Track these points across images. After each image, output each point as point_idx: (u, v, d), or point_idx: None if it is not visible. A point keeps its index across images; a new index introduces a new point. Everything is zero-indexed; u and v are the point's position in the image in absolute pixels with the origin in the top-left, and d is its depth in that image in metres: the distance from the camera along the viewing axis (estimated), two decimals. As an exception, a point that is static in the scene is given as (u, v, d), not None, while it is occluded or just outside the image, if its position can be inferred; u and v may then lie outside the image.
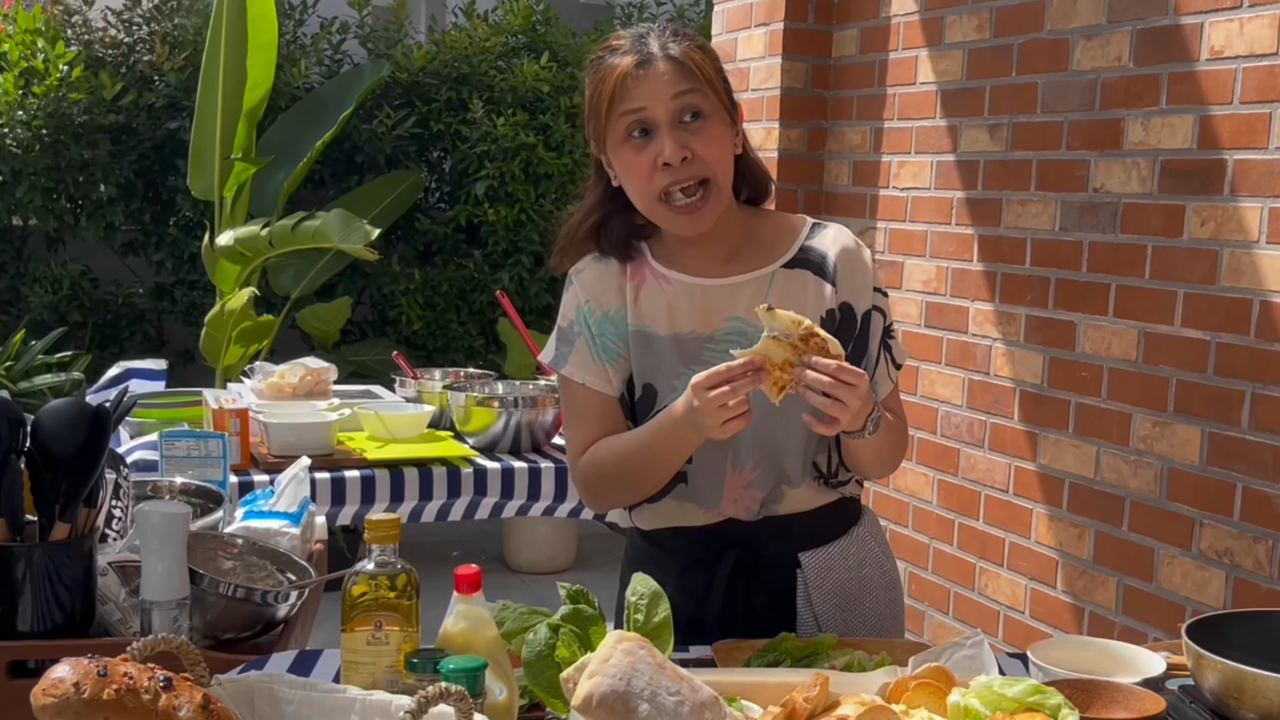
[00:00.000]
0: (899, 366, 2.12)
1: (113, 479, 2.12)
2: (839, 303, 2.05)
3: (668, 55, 1.94)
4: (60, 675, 1.32)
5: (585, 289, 2.09)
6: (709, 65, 1.98)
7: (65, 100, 5.62)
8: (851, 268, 2.06)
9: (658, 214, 1.99)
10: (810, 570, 2.09)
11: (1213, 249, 2.91)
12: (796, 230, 2.10)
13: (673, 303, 2.04)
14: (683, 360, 2.02)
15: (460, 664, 1.50)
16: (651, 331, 2.04)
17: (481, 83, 6.34)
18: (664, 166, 1.93)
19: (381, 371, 5.69)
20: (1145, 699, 1.65)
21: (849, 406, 1.80)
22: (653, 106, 1.94)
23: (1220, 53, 2.89)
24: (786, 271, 2.05)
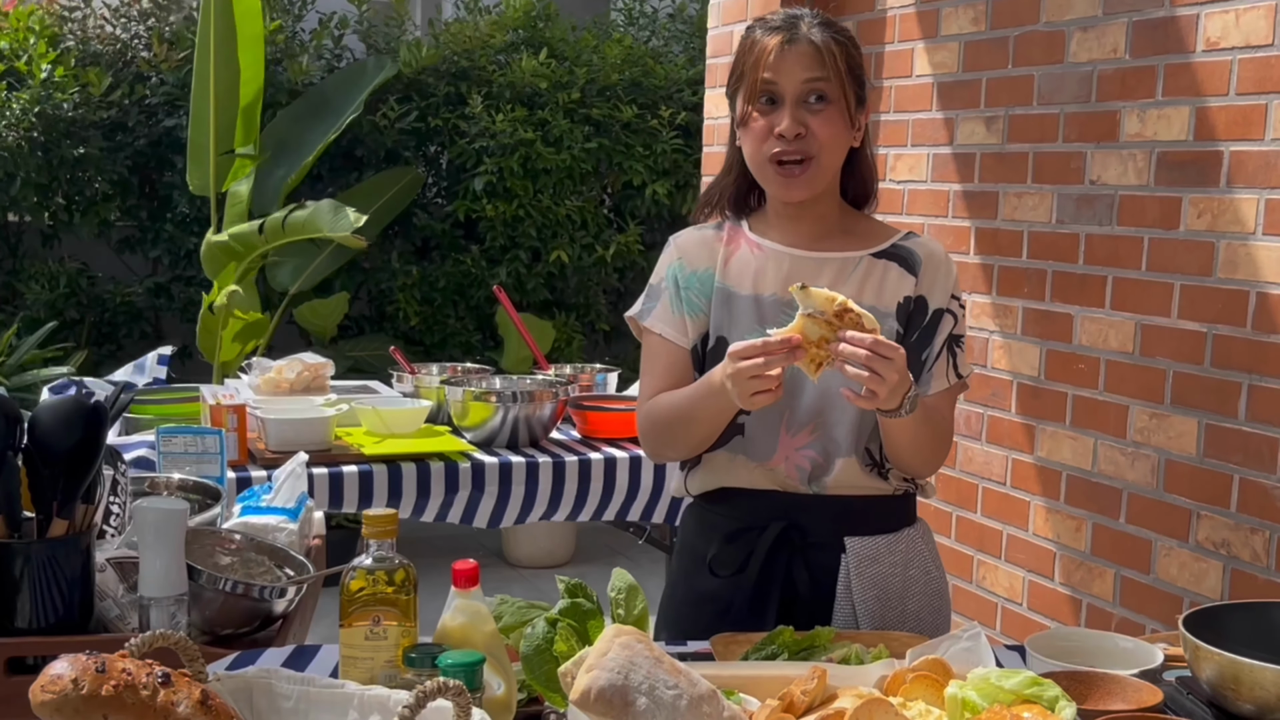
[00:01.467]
0: (961, 376, 2.19)
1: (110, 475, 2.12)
2: (917, 295, 2.16)
3: (810, 40, 2.08)
4: (59, 671, 1.32)
5: (680, 249, 2.25)
6: (844, 58, 2.09)
7: (51, 100, 5.61)
8: (936, 269, 2.18)
9: (764, 173, 2.13)
10: (854, 556, 2.14)
11: (1209, 241, 2.92)
12: (892, 233, 2.23)
13: (760, 267, 2.18)
14: (759, 319, 2.14)
15: (458, 659, 1.50)
16: (735, 291, 2.18)
17: (480, 78, 6.34)
18: (779, 136, 2.07)
19: (379, 367, 5.69)
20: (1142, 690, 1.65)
21: (885, 379, 1.85)
22: (784, 82, 2.07)
23: (1216, 44, 2.89)
24: (873, 260, 2.18)
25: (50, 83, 5.64)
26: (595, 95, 6.42)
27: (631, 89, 6.52)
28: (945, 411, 2.17)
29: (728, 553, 2.18)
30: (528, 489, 3.34)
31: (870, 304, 2.11)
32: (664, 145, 6.42)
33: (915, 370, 2.11)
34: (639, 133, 6.44)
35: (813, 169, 2.09)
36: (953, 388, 2.18)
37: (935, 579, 2.21)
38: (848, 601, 2.13)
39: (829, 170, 2.12)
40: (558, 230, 6.37)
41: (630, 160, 6.41)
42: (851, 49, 2.12)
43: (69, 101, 5.66)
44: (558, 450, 3.45)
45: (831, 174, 2.14)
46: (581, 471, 3.39)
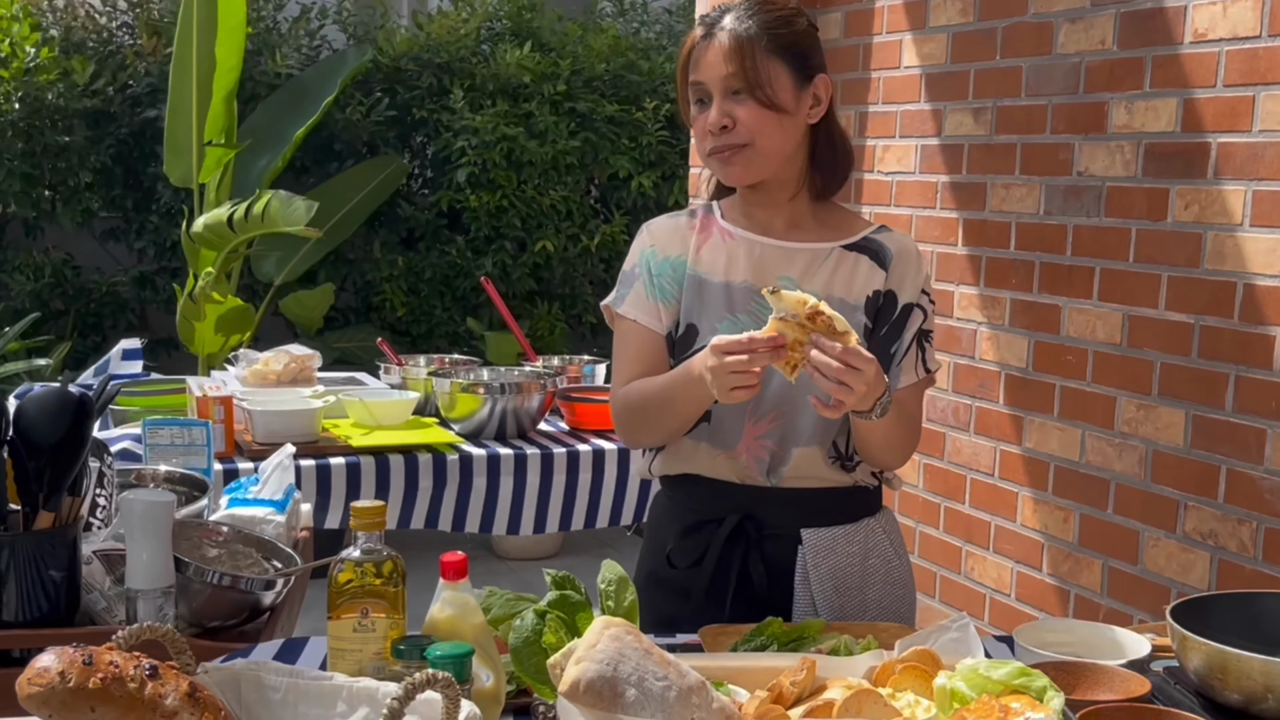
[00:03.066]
0: (929, 370, 2.20)
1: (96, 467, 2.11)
2: (886, 289, 2.16)
3: (728, 32, 2.09)
4: (45, 664, 1.32)
5: (652, 236, 2.25)
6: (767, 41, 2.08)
7: (34, 83, 5.58)
8: (906, 264, 2.19)
9: (710, 166, 2.18)
10: (810, 548, 2.15)
11: (1196, 232, 2.92)
12: (863, 225, 2.24)
13: (732, 254, 2.18)
14: (729, 307, 2.15)
15: (447, 650, 1.50)
16: (706, 278, 2.17)
17: (463, 70, 6.31)
18: (709, 132, 2.11)
19: (366, 358, 5.68)
20: (1130, 680, 1.65)
21: (854, 390, 1.86)
22: (708, 79, 2.11)
23: (1204, 35, 2.89)
24: (844, 252, 2.18)
25: (34, 68, 5.61)
26: (580, 87, 6.41)
27: (616, 81, 6.51)
28: (913, 405, 2.19)
29: (685, 545, 2.20)
30: (516, 481, 3.33)
31: (840, 296, 2.13)
32: (649, 137, 6.41)
33: (884, 365, 2.11)
34: (624, 125, 6.43)
35: (747, 154, 2.10)
36: (921, 381, 2.19)
37: (897, 568, 2.22)
38: (806, 592, 2.15)
39: (769, 154, 2.11)
40: (543, 220, 6.36)
41: (615, 153, 6.40)
42: (780, 29, 2.10)
43: (52, 89, 5.63)
44: (545, 442, 3.44)
45: (774, 157, 2.12)
46: (570, 463, 3.38)
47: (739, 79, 2.07)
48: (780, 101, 2.09)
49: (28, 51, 5.60)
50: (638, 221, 6.60)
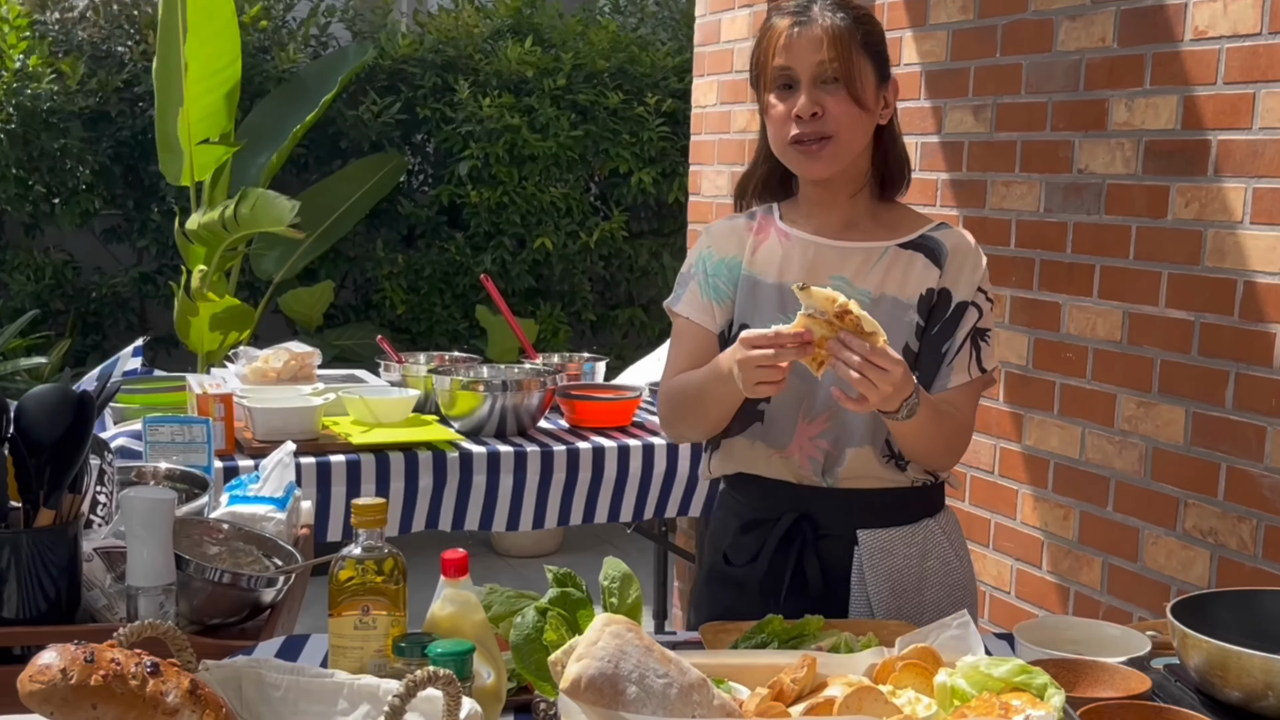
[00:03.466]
0: (984, 370, 2.17)
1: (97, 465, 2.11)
2: (941, 287, 2.15)
3: (821, 23, 2.09)
4: (47, 661, 1.32)
5: (710, 238, 2.29)
6: (857, 37, 2.10)
7: (26, 91, 5.57)
8: (962, 261, 2.17)
9: (787, 156, 2.16)
10: (867, 549, 2.16)
11: (1197, 229, 2.92)
12: (923, 223, 2.22)
13: (787, 255, 2.20)
14: (782, 307, 2.16)
15: (448, 648, 1.50)
16: (760, 279, 2.20)
17: (467, 66, 6.32)
18: (796, 118, 2.10)
19: (366, 356, 5.67)
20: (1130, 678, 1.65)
21: (878, 389, 1.86)
22: (798, 65, 2.09)
23: (1204, 33, 2.89)
24: (899, 250, 2.18)
25: (24, 73, 5.60)
26: (582, 82, 6.41)
27: (618, 76, 6.51)
28: (963, 405, 2.16)
29: (742, 543, 2.23)
30: (516, 478, 3.33)
31: (893, 295, 2.14)
32: (650, 133, 6.41)
33: (935, 363, 2.13)
34: (625, 120, 6.43)
35: (832, 147, 2.10)
36: (975, 382, 2.16)
37: (956, 570, 2.21)
38: (862, 593, 2.16)
39: (849, 148, 2.12)
40: (542, 217, 6.36)
41: (616, 147, 6.40)
42: (867, 27, 2.13)
43: (45, 91, 5.62)
44: (546, 439, 3.44)
45: (852, 152, 2.13)
46: (570, 461, 3.38)
47: (834, 69, 2.07)
48: (866, 98, 2.10)
49: (15, 59, 5.58)
50: (637, 219, 6.64)
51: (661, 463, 3.49)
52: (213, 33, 5.26)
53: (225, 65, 5.34)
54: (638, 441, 3.49)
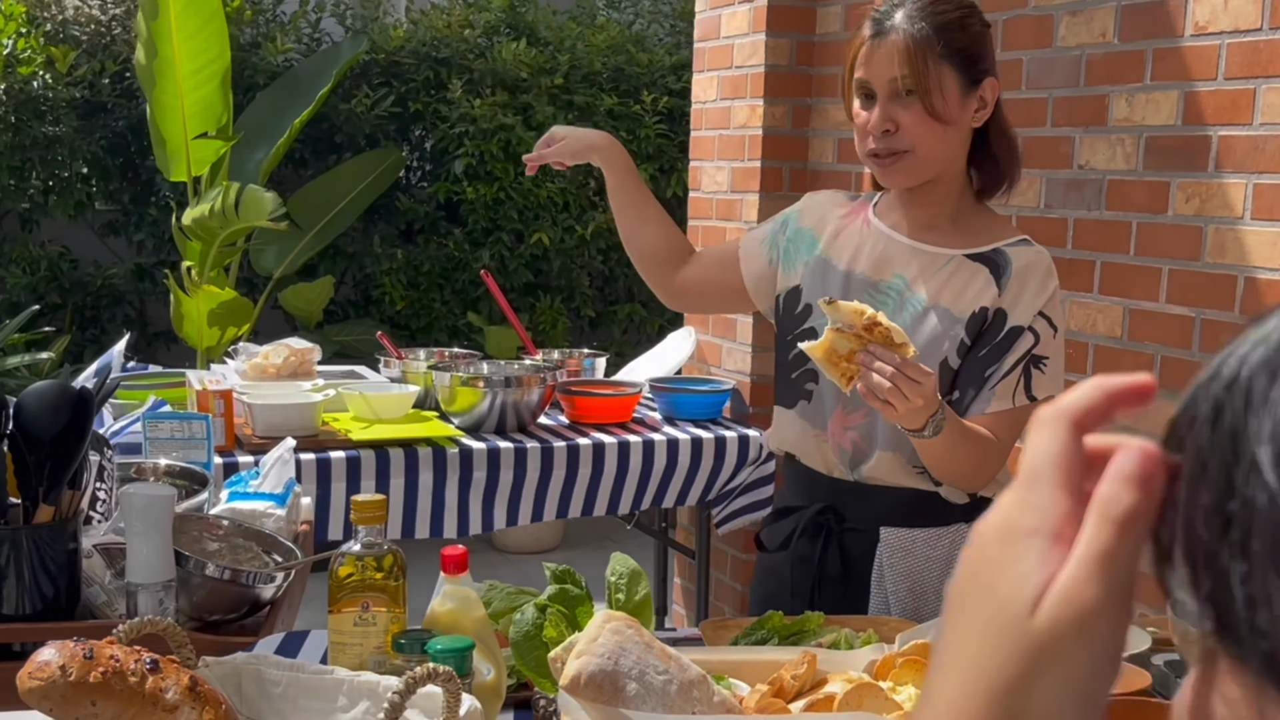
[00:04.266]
0: (1033, 398, 2.10)
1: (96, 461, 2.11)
2: (997, 307, 2.10)
3: (898, 33, 2.06)
4: (46, 658, 1.32)
5: (804, 203, 2.35)
6: (939, 44, 2.05)
7: (15, 75, 5.56)
8: (1025, 282, 2.11)
9: (868, 165, 2.18)
10: (888, 546, 2.15)
11: (1197, 225, 2.92)
12: (1002, 235, 2.17)
13: (861, 244, 2.22)
14: (841, 292, 2.16)
15: (448, 644, 1.50)
16: (834, 263, 2.22)
17: (460, 64, 6.31)
18: (870, 133, 2.11)
19: (365, 351, 5.67)
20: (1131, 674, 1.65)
21: (909, 400, 1.85)
22: (874, 80, 2.09)
23: (1205, 28, 2.89)
24: (965, 261, 2.14)
25: (14, 58, 5.59)
26: (579, 81, 6.40)
27: (615, 77, 6.50)
28: (1001, 433, 2.09)
29: (775, 529, 2.28)
30: (516, 474, 3.33)
31: (946, 306, 2.10)
32: (648, 130, 6.41)
33: (975, 384, 2.09)
34: (622, 119, 6.43)
35: (907, 161, 2.09)
36: (1019, 410, 2.09)
37: None
38: (881, 591, 2.16)
39: (928, 161, 2.09)
40: (540, 212, 6.36)
41: (613, 146, 6.39)
42: (953, 32, 2.07)
43: (38, 79, 5.61)
44: (546, 435, 3.44)
45: (932, 163, 2.10)
46: (570, 457, 3.38)
47: (908, 82, 2.05)
48: (946, 110, 2.06)
49: (4, 44, 5.57)
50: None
51: (662, 458, 3.49)
52: (199, 25, 5.25)
53: (215, 57, 5.32)
54: (638, 437, 3.49)
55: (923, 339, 2.09)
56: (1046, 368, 2.11)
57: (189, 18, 5.22)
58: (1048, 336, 2.11)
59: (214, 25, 5.29)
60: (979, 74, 2.10)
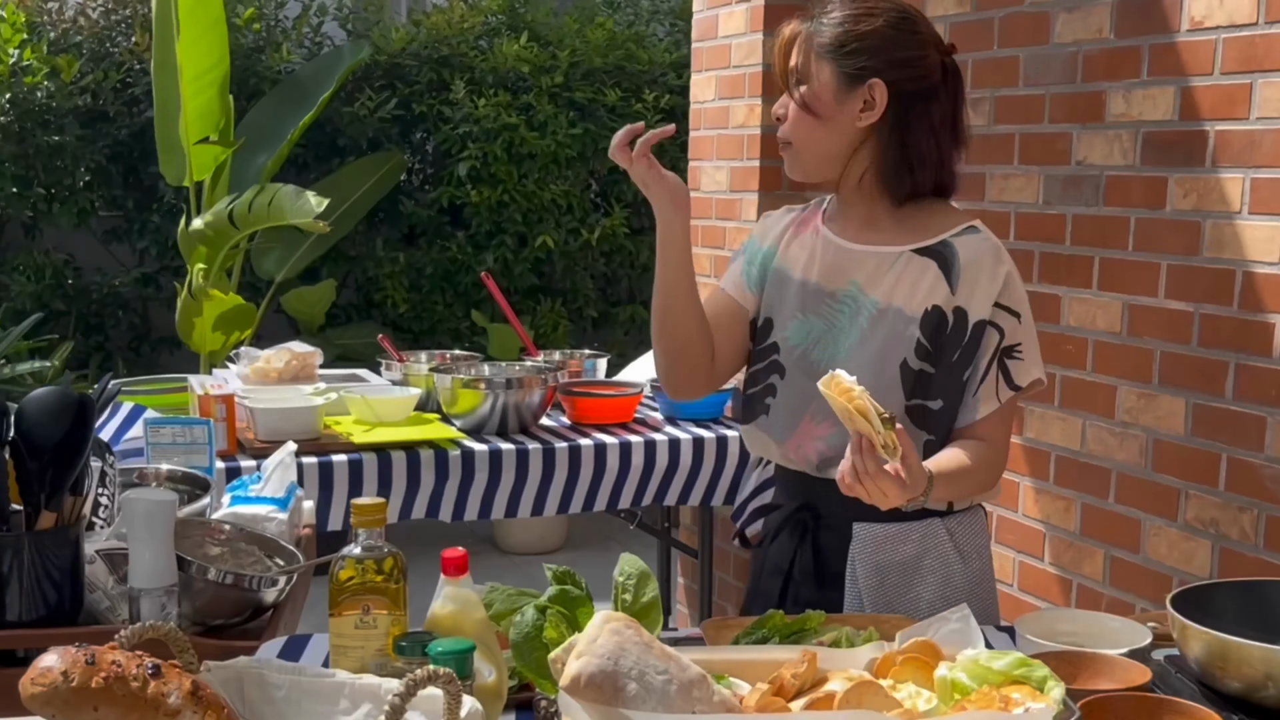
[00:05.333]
0: (1017, 388, 2.11)
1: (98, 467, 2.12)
2: (953, 306, 2.08)
3: (788, 29, 2.12)
4: (48, 664, 1.32)
5: (761, 225, 2.33)
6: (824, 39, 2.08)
7: (21, 84, 5.57)
8: (975, 274, 2.09)
9: None
10: (860, 540, 2.15)
11: (1195, 220, 2.92)
12: (948, 226, 2.14)
13: (813, 252, 2.20)
14: (801, 305, 2.18)
15: (448, 646, 1.50)
16: (789, 273, 2.21)
17: (462, 64, 6.32)
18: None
19: (367, 355, 5.68)
20: (1131, 669, 1.66)
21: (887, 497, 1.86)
22: (778, 68, 2.15)
23: (1201, 23, 2.89)
24: (913, 256, 2.12)
25: (19, 68, 5.60)
26: (579, 79, 6.41)
27: (615, 73, 6.50)
28: (995, 434, 2.10)
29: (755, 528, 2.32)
30: (518, 476, 3.34)
31: (899, 306, 2.09)
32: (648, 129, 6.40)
33: (958, 392, 2.09)
34: (624, 117, 6.43)
35: (790, 153, 2.15)
36: (1007, 404, 2.11)
37: (958, 572, 2.17)
38: (854, 586, 2.16)
39: (810, 154, 2.12)
40: (543, 215, 6.36)
41: (616, 145, 6.40)
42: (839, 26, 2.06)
43: (41, 89, 5.62)
44: (547, 437, 3.45)
45: (814, 158, 2.12)
46: (571, 458, 3.39)
47: (785, 76, 2.12)
48: (817, 105, 2.07)
49: (10, 54, 5.59)
50: (638, 215, 6.64)
51: (663, 458, 3.49)
52: (200, 32, 5.26)
53: (214, 64, 5.33)
54: (639, 438, 3.49)
55: (878, 342, 2.10)
56: (1022, 353, 2.12)
57: (191, 25, 5.23)
58: (1012, 326, 2.10)
59: (215, 33, 5.30)
60: (863, 72, 2.06)
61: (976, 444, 2.08)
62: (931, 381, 2.09)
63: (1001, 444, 2.13)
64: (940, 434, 2.11)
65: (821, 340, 2.15)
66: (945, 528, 2.17)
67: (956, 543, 2.17)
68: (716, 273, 4.46)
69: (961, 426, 2.11)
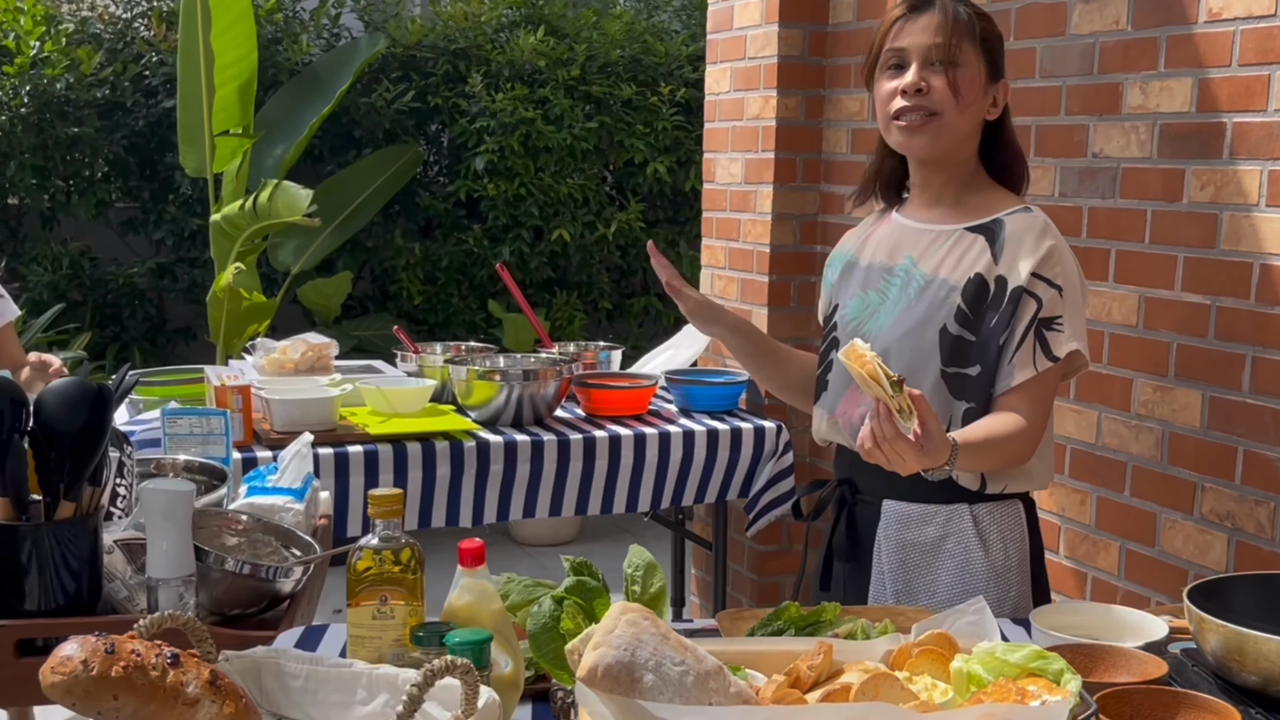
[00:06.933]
0: (1054, 359, 2.14)
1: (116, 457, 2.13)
2: (995, 275, 2.16)
3: (938, 8, 2.17)
4: (68, 653, 1.33)
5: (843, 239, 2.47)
6: (972, 26, 2.17)
7: (41, 76, 5.59)
8: (1018, 245, 2.16)
9: (890, 132, 2.21)
10: (887, 518, 2.24)
11: (1212, 213, 2.91)
12: (1004, 206, 2.23)
13: (882, 237, 2.33)
14: (864, 284, 2.31)
15: (465, 637, 1.51)
16: (859, 261, 2.35)
17: (479, 56, 6.32)
18: (902, 93, 2.16)
19: (383, 346, 5.69)
20: (1147, 663, 1.65)
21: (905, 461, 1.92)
22: (910, 46, 2.17)
23: (1218, 15, 2.88)
24: (965, 233, 2.21)
25: (39, 59, 5.63)
26: (595, 72, 6.41)
27: (631, 66, 6.50)
28: (1029, 407, 2.12)
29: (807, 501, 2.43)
30: (533, 468, 3.34)
31: (944, 276, 2.18)
32: (665, 122, 6.41)
33: (995, 359, 2.14)
34: (639, 110, 6.43)
35: (934, 125, 2.16)
36: (1044, 374, 2.13)
37: (978, 559, 2.20)
38: (880, 563, 2.24)
39: (951, 127, 2.17)
40: (559, 209, 6.37)
41: (631, 138, 6.40)
42: (985, 24, 2.19)
43: (61, 80, 5.64)
44: (562, 428, 3.45)
45: (954, 134, 2.18)
46: (586, 449, 3.39)
47: (943, 51, 2.14)
48: (972, 88, 2.16)
49: (31, 45, 5.61)
50: (653, 208, 6.64)
51: (678, 450, 3.49)
52: (228, 24, 5.29)
53: (241, 57, 5.36)
54: (654, 430, 3.49)
55: (922, 309, 2.18)
56: (1062, 326, 2.14)
57: (220, 17, 5.26)
58: (1051, 297, 2.14)
59: (241, 28, 5.33)
60: (998, 71, 2.22)
61: (1008, 415, 2.11)
62: (970, 348, 2.14)
63: (1035, 417, 2.14)
64: (979, 401, 2.15)
65: (876, 313, 2.25)
66: (972, 514, 2.20)
67: (980, 530, 2.20)
68: (731, 265, 4.46)
69: (997, 395, 2.15)
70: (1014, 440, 2.11)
